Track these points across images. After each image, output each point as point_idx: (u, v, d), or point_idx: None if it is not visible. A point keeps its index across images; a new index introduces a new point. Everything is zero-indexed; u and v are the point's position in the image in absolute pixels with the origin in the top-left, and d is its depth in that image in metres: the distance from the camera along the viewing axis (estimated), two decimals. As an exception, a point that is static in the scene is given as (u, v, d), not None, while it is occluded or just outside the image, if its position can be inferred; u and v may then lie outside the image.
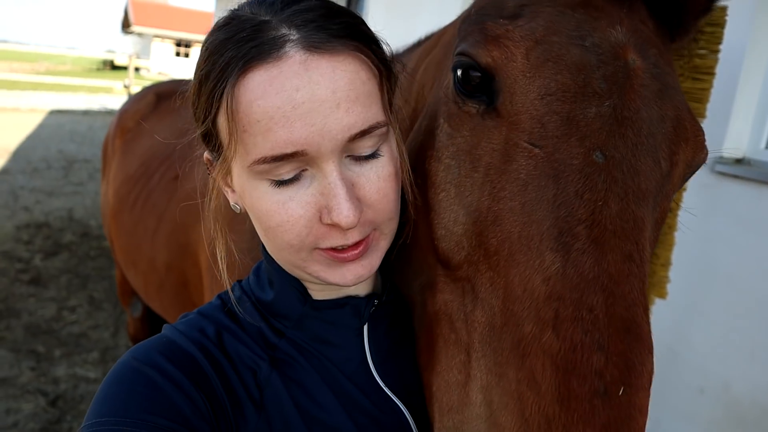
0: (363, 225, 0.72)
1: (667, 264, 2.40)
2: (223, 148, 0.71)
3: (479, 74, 0.78)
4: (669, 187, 0.78)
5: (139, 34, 46.09)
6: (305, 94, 0.64)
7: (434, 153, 0.84)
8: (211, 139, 0.73)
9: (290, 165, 0.67)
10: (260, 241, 0.82)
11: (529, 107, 0.74)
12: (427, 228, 0.83)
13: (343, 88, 0.66)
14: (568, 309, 0.62)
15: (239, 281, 0.89)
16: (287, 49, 0.65)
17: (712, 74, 2.15)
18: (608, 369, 0.60)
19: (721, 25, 2.11)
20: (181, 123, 2.49)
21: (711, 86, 2.17)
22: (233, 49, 0.66)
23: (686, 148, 0.79)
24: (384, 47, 0.77)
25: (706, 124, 0.74)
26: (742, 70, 2.63)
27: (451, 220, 0.79)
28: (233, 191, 0.77)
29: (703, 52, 2.11)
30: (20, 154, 10.32)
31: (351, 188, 0.69)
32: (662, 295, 2.47)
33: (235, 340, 0.79)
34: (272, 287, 0.83)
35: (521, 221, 0.69)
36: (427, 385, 0.79)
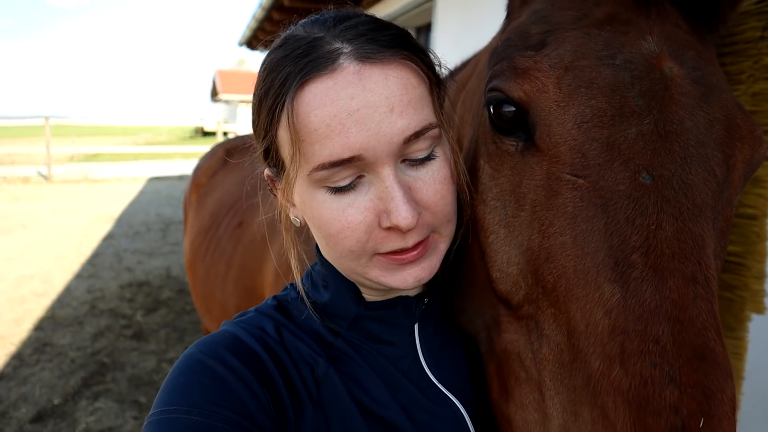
0: (421, 227, 0.73)
1: (761, 276, 2.22)
2: (283, 162, 0.75)
3: (513, 109, 0.78)
4: (729, 192, 0.75)
5: (226, 101, 49.02)
6: (360, 102, 0.68)
7: (479, 196, 0.84)
8: (271, 154, 0.77)
9: (348, 171, 0.69)
10: (316, 245, 0.86)
11: (567, 138, 0.73)
12: (484, 269, 0.83)
13: (395, 93, 0.70)
14: (633, 342, 0.60)
15: (292, 284, 0.92)
16: (341, 61, 0.69)
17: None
18: (684, 402, 0.56)
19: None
20: (247, 172, 2.63)
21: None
22: (290, 65, 0.70)
23: (743, 147, 0.75)
24: (431, 56, 0.80)
25: None
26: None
27: (505, 261, 0.78)
28: (293, 205, 0.81)
29: (775, 49, 2.00)
30: (123, 219, 11.14)
31: (408, 191, 0.71)
32: (760, 310, 2.28)
33: (294, 337, 0.82)
34: (327, 289, 0.85)
35: (574, 255, 0.68)
36: (505, 422, 0.78)
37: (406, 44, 0.74)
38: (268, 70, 0.74)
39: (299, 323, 0.84)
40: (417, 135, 0.71)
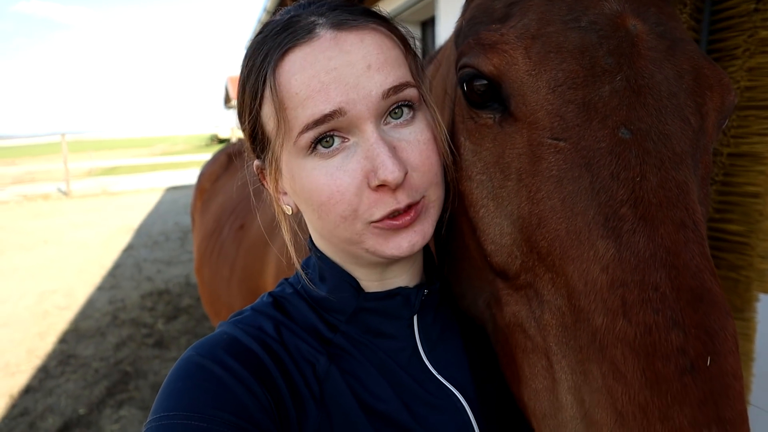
0: (410, 188, 0.73)
1: (766, 255, 2.19)
2: (269, 141, 0.76)
3: (485, 82, 0.79)
4: (705, 140, 0.76)
5: (239, 107, 49.26)
6: (337, 61, 0.70)
7: (464, 173, 0.84)
8: (257, 136, 0.78)
9: (331, 129, 0.71)
10: (310, 238, 0.86)
11: (543, 103, 0.74)
12: (478, 246, 0.83)
13: (372, 53, 0.72)
14: (633, 293, 0.61)
15: (287, 279, 0.92)
16: (318, 30, 0.72)
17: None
18: (689, 343, 0.57)
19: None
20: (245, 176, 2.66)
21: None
22: (269, 43, 0.73)
23: (713, 95, 0.77)
24: (402, 29, 0.82)
25: None
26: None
27: (497, 233, 0.79)
28: (284, 193, 0.82)
29: (770, 21, 1.97)
30: (142, 230, 11.28)
31: (393, 149, 0.72)
32: (765, 289, 2.24)
33: (293, 336, 0.80)
34: (324, 282, 0.84)
35: (565, 217, 0.69)
36: (519, 397, 0.78)
37: (377, 15, 0.78)
38: (248, 55, 0.76)
39: (297, 320, 0.83)
40: (395, 90, 0.72)
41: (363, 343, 0.82)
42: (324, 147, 0.71)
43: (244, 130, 0.80)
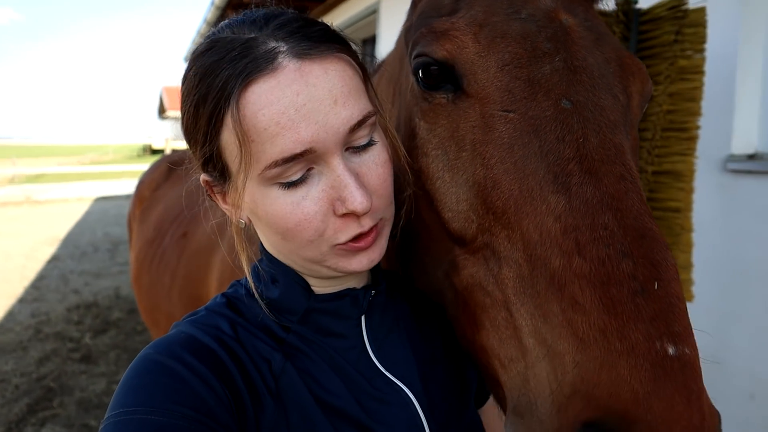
0: (373, 212, 0.77)
1: (688, 266, 2.36)
2: (227, 167, 0.76)
3: (437, 68, 0.88)
4: (631, 117, 0.88)
5: (175, 118, 48.06)
6: (305, 97, 0.70)
7: (419, 150, 0.92)
8: (212, 161, 0.77)
9: (299, 165, 0.71)
10: (260, 243, 0.88)
11: (493, 80, 0.84)
12: (435, 217, 0.90)
13: (336, 86, 0.73)
14: (585, 233, 0.68)
15: (238, 281, 0.92)
16: (280, 60, 0.70)
17: (701, 72, 2.17)
18: (639, 270, 0.65)
19: (702, 25, 2.14)
20: (190, 186, 2.63)
21: (702, 84, 2.18)
22: (228, 68, 0.70)
23: (635, 80, 0.90)
24: (357, 48, 0.84)
25: (710, 123, 0.81)
26: (737, 65, 2.62)
27: (454, 201, 0.86)
28: (237, 208, 0.80)
29: (688, 52, 2.14)
30: (69, 240, 10.81)
31: (357, 177, 0.74)
32: (688, 298, 2.41)
33: (249, 334, 0.81)
34: (276, 285, 0.86)
35: (518, 177, 0.77)
36: (481, 351, 0.82)
37: (336, 38, 0.78)
38: (201, 75, 0.73)
39: (250, 320, 0.84)
40: (360, 124, 0.74)
41: (314, 342, 0.84)
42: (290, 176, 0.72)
43: (194, 149, 0.79)
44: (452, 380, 0.95)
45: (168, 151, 18.06)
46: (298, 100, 0.69)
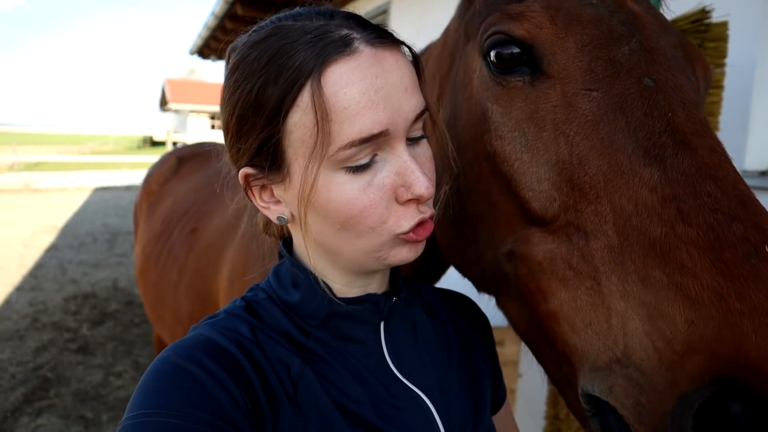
0: (429, 200, 0.79)
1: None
2: (283, 154, 0.74)
3: (514, 49, 0.89)
4: (700, 99, 0.90)
5: (176, 111, 48.10)
6: (383, 80, 0.72)
7: (492, 134, 0.92)
8: (265, 149, 0.75)
9: (370, 148, 0.72)
10: (282, 243, 0.89)
11: (574, 61, 0.86)
12: (510, 200, 0.90)
13: (406, 75, 0.76)
14: (688, 201, 0.68)
15: (258, 284, 0.91)
16: (356, 45, 0.72)
17: (721, 87, 2.16)
18: (749, 233, 0.64)
19: (723, 39, 2.14)
20: (200, 180, 2.62)
21: (721, 99, 2.17)
22: (305, 49, 0.70)
23: (699, 65, 0.93)
24: (410, 48, 0.86)
25: (724, 138, 0.82)
26: (754, 81, 2.61)
27: (535, 180, 0.86)
28: (278, 202, 0.80)
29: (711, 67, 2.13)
30: (68, 230, 10.79)
31: (419, 165, 0.76)
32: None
33: (268, 338, 0.81)
34: (297, 289, 0.85)
35: (606, 153, 0.78)
36: (551, 321, 0.82)
37: (393, 36, 0.80)
38: (269, 57, 0.72)
39: (270, 324, 0.84)
40: (421, 114, 0.77)
41: (334, 347, 0.84)
42: (354, 161, 0.72)
43: (246, 138, 0.76)
44: (467, 387, 0.95)
45: (169, 144, 18.05)
46: (377, 82, 0.71)
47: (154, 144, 47.03)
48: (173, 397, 0.67)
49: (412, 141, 0.77)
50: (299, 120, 0.71)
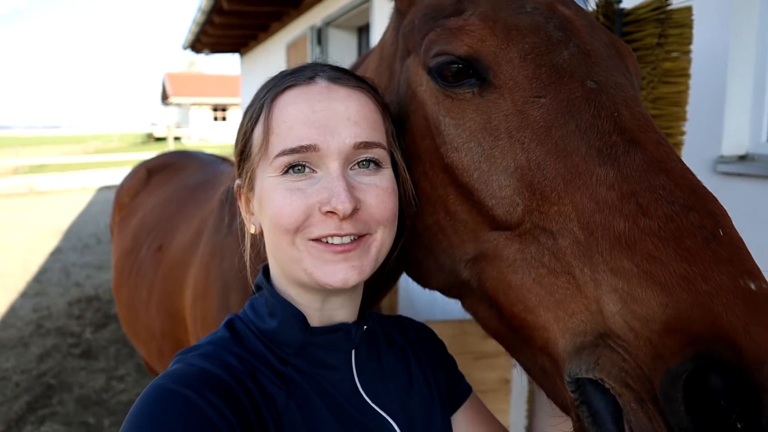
0: (357, 221, 0.83)
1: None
2: (250, 157, 0.89)
3: (459, 65, 0.91)
4: (638, 94, 0.94)
5: (178, 104, 48.10)
6: (324, 106, 0.84)
7: (448, 147, 0.94)
8: (244, 153, 0.91)
9: (303, 157, 0.82)
10: (261, 272, 0.95)
11: (519, 70, 0.88)
12: (472, 209, 0.91)
13: (355, 108, 0.86)
14: (645, 195, 0.72)
15: (235, 314, 0.96)
16: (317, 78, 0.88)
17: (687, 75, 2.09)
18: (705, 220, 0.69)
19: (688, 25, 2.07)
20: (167, 194, 2.60)
21: (687, 88, 2.11)
22: (277, 82, 0.90)
23: (630, 61, 0.97)
24: (384, 99, 0.97)
25: (699, 124, 0.84)
26: (728, 65, 2.53)
27: (496, 188, 0.87)
28: (252, 214, 0.94)
29: (675, 54, 2.07)
30: (72, 232, 10.88)
31: (351, 188, 0.82)
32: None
33: (255, 369, 0.85)
34: (274, 317, 0.90)
35: (562, 156, 0.80)
36: (531, 314, 0.82)
37: (368, 83, 0.93)
38: (256, 93, 0.92)
39: (255, 355, 0.87)
40: (366, 145, 0.85)
41: (309, 374, 0.88)
42: (294, 172, 0.83)
43: (236, 147, 0.94)
44: (425, 400, 1.01)
45: (171, 138, 18.05)
46: (317, 106, 0.84)
47: (157, 140, 47.05)
48: (172, 421, 0.69)
49: (366, 171, 0.85)
50: (257, 132, 0.88)
